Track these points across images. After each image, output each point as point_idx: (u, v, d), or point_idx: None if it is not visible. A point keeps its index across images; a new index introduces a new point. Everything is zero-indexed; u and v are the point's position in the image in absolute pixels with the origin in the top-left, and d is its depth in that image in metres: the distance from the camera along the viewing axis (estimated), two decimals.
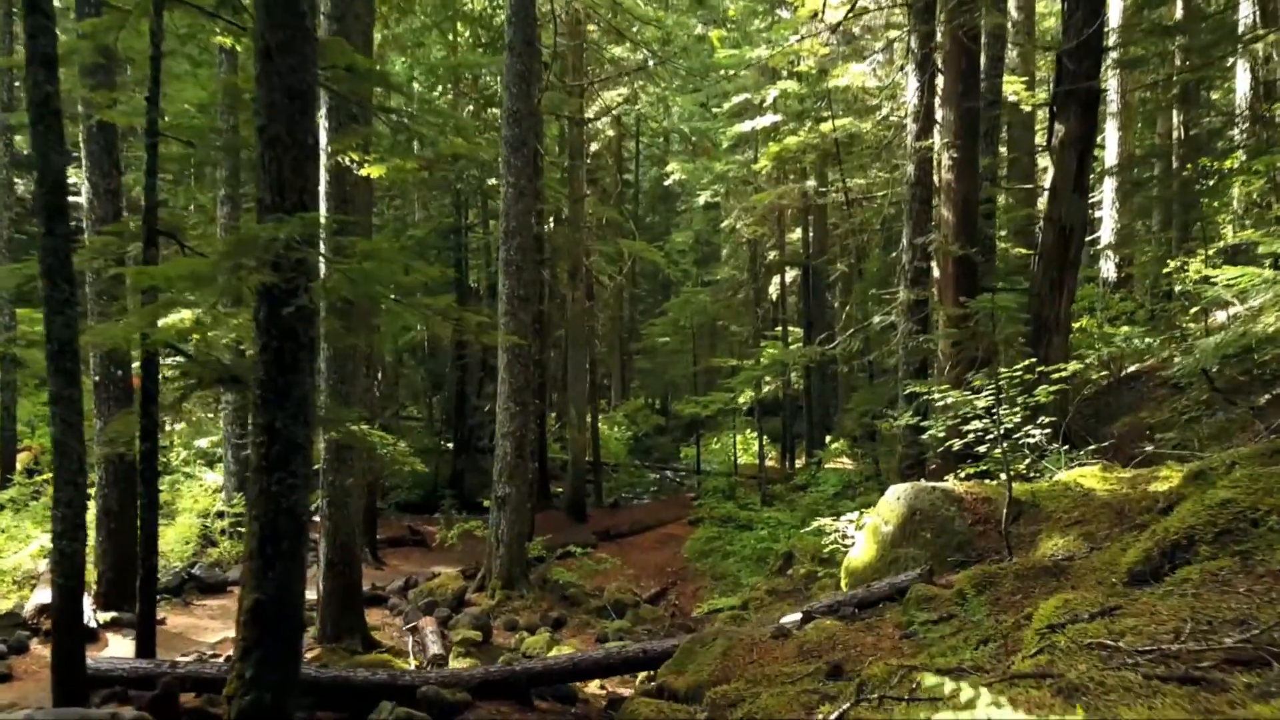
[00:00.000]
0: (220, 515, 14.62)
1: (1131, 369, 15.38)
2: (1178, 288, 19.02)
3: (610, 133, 28.82)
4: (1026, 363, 6.72)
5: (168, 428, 21.11)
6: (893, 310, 12.38)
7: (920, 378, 11.74)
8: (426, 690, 6.82)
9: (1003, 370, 6.51)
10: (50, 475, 13.78)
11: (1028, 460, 7.87)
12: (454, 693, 6.85)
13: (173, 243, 7.77)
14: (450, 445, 25.11)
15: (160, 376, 7.67)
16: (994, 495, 7.06)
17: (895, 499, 7.30)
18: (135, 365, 10.46)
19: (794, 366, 18.90)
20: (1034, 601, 5.05)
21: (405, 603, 12.49)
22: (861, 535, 7.81)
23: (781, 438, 26.72)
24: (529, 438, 14.09)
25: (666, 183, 31.55)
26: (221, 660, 8.65)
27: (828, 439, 23.43)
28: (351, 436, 8.22)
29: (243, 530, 14.39)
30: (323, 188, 9.94)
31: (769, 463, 24.13)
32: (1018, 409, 6.90)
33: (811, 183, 20.86)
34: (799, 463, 23.74)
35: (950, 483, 7.40)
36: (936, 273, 12.52)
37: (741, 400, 19.79)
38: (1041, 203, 22.39)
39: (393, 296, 6.30)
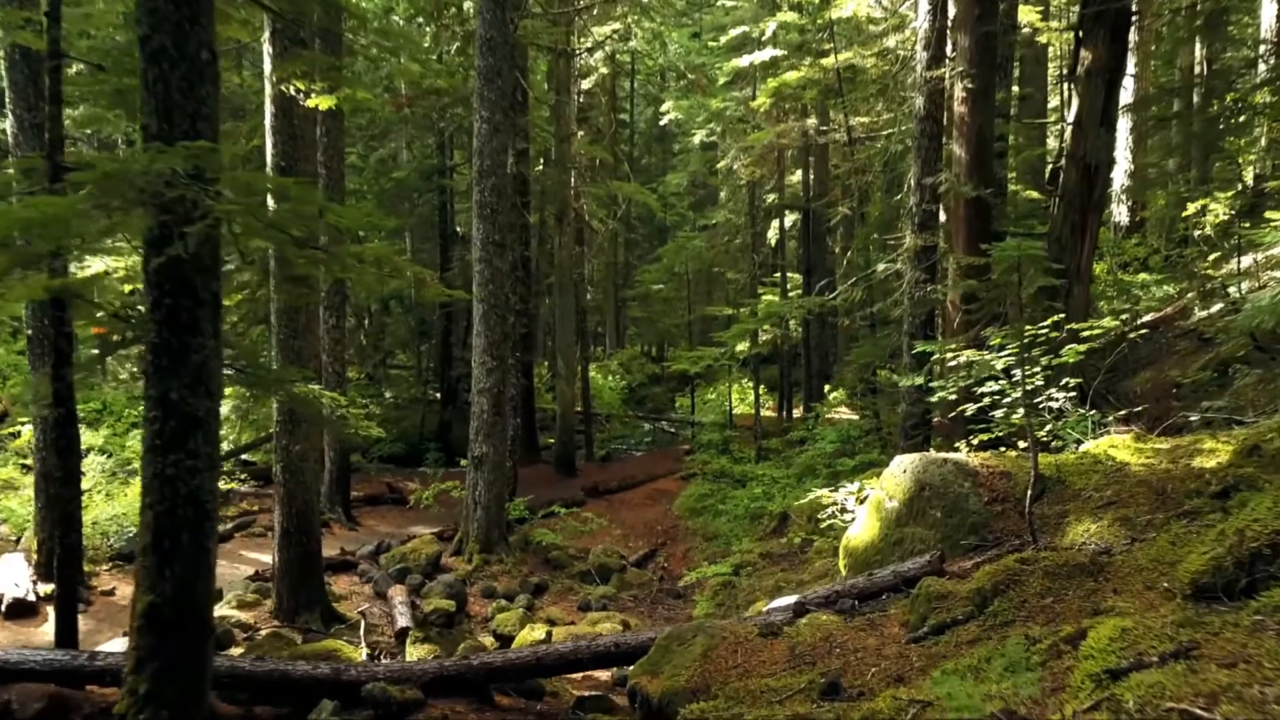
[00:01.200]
0: None
1: (1147, 318, 14.49)
2: (1197, 232, 18.05)
3: (604, 70, 27.49)
4: (1054, 319, 5.84)
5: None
6: (898, 257, 11.44)
7: (927, 330, 10.87)
8: (372, 688, 6.07)
9: (1028, 328, 5.64)
10: (13, 428, 12.90)
11: (1047, 427, 7.04)
12: (403, 690, 6.10)
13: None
14: (438, 395, 24.32)
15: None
16: (1013, 469, 6.24)
17: (901, 471, 6.48)
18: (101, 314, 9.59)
19: (791, 316, 17.99)
20: (1069, 608, 4.25)
21: (376, 569, 11.76)
22: (863, 510, 7.02)
23: (779, 387, 25.90)
24: (508, 393, 13.28)
25: (662, 122, 30.30)
26: None
27: (826, 388, 22.62)
28: (297, 399, 7.37)
29: None
30: (268, 121, 8.98)
31: (766, 412, 23.36)
32: (1038, 370, 6.03)
33: (812, 121, 19.71)
34: (796, 412, 22.98)
35: (963, 454, 6.58)
36: (944, 216, 11.58)
37: (740, 349, 18.92)
38: (1052, 142, 21.33)
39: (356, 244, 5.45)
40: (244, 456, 18.23)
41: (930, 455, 6.51)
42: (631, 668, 5.70)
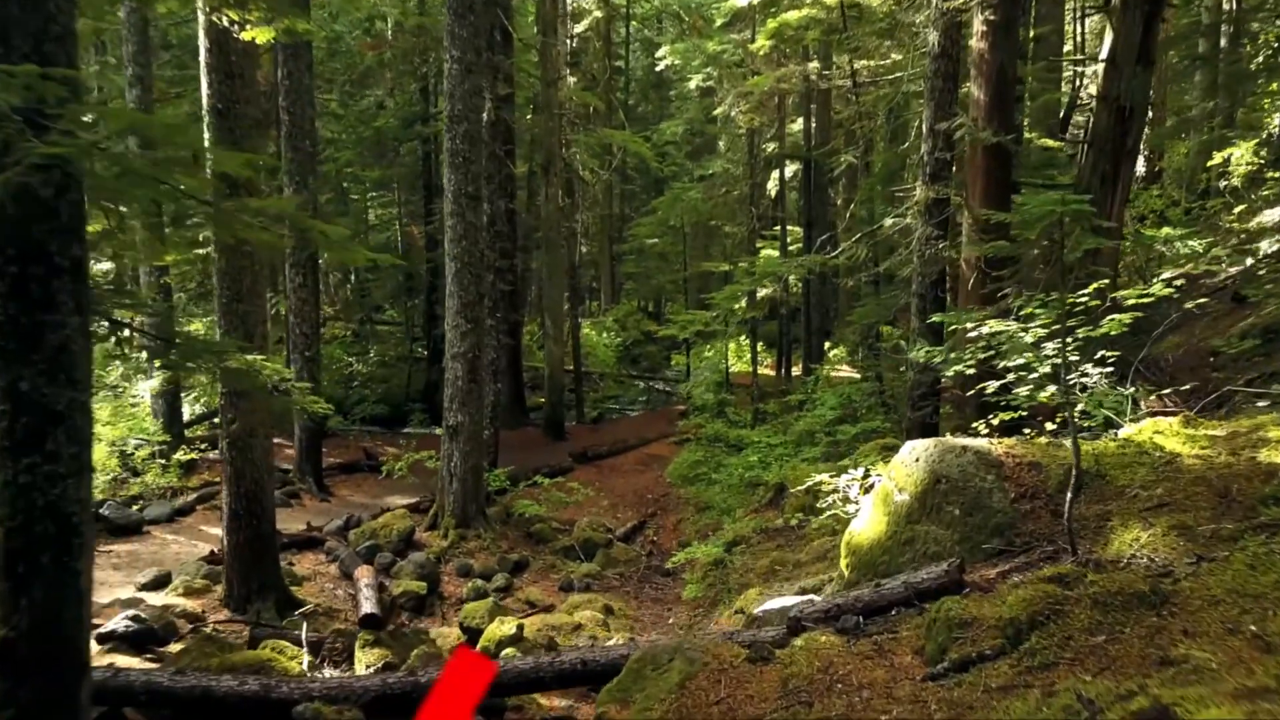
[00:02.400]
0: (141, 443, 13.01)
1: (1166, 275, 13.57)
2: (1222, 183, 17.03)
3: (598, 13, 26.19)
4: (1096, 285, 4.96)
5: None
6: (907, 210, 10.49)
7: (938, 290, 9.98)
8: (304, 709, 5.30)
9: (1068, 295, 4.77)
10: None
11: (1079, 406, 6.20)
12: (340, 711, 5.33)
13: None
14: (425, 353, 23.45)
15: None
16: (1043, 459, 5.39)
17: (914, 460, 5.64)
18: None
19: (791, 274, 17.07)
20: (1128, 653, 3.43)
21: (344, 546, 11.00)
22: (868, 502, 6.19)
23: (777, 344, 25.04)
24: (485, 358, 12.44)
25: (659, 68, 29.04)
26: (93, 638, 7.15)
27: (826, 346, 21.77)
28: (230, 373, 6.50)
29: (164, 462, 12.86)
30: (203, 58, 8.00)
31: (764, 370, 22.53)
32: (1070, 342, 5.16)
33: (814, 65, 18.57)
34: (795, 371, 22.15)
35: (984, 441, 5.73)
36: (956, 167, 10.60)
37: (737, 308, 18.02)
38: (1066, 86, 20.18)
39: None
40: (216, 420, 17.44)
41: (947, 442, 5.66)
42: (600, 694, 4.92)
